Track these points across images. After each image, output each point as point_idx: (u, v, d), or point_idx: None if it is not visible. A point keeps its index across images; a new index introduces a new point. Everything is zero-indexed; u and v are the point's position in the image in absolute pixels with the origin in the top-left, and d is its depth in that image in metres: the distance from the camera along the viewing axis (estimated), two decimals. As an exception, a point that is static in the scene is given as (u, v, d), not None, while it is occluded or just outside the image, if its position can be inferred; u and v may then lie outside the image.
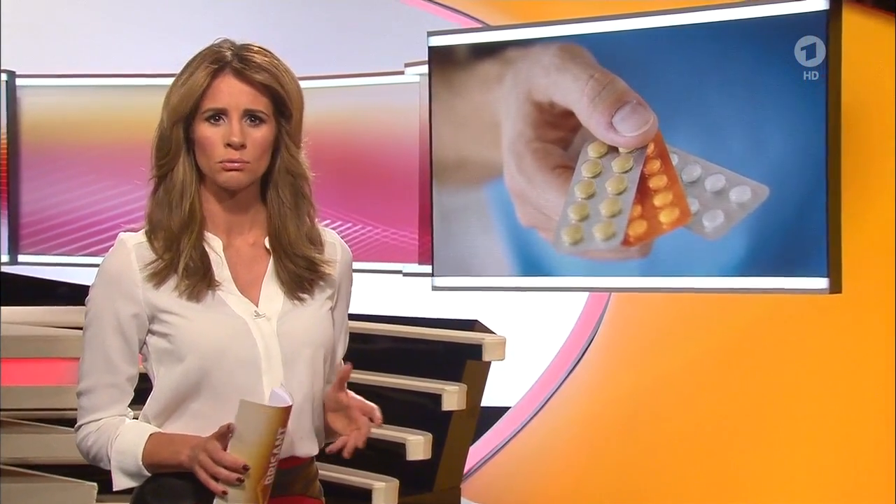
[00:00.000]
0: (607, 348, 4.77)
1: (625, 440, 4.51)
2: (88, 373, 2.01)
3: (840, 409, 3.94)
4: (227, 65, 1.98)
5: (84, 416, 2.01)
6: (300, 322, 2.01)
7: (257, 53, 2.00)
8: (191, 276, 1.96)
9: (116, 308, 1.98)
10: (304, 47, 5.18)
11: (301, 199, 2.02)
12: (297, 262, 2.02)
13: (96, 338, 1.99)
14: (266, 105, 1.99)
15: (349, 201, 4.98)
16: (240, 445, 1.86)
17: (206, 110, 1.97)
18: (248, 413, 1.85)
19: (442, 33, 4.37)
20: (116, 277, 1.98)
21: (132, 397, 2.03)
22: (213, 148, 1.97)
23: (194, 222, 1.98)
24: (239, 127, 1.96)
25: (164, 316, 1.97)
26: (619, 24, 4.00)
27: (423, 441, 4.29)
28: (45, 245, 5.50)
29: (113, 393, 2.00)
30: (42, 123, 5.49)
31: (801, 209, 3.68)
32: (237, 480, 1.86)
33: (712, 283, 3.88)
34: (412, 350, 4.61)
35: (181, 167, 1.99)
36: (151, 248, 1.98)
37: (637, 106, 3.88)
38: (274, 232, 2.02)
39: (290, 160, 2.01)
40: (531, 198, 4.10)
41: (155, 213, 2.00)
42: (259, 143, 1.98)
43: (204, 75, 1.98)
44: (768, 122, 3.70)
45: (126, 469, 1.98)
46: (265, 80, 1.98)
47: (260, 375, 1.96)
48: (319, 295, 2.04)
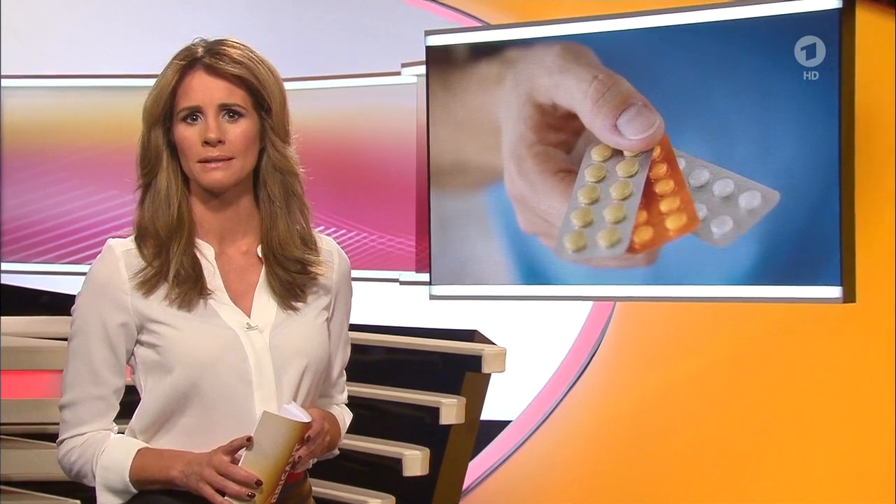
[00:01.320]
0: (612, 360, 4.74)
1: (630, 455, 4.47)
2: (73, 384, 1.98)
3: (854, 421, 3.90)
4: (198, 61, 1.96)
5: (67, 431, 1.98)
6: (293, 334, 1.98)
7: (231, 47, 1.97)
8: (182, 283, 1.94)
9: (104, 316, 1.95)
10: (296, 47, 5.25)
11: (291, 196, 2.00)
12: (288, 267, 1.99)
13: (82, 348, 1.96)
14: (243, 98, 1.96)
15: (343, 207, 4.97)
16: (256, 459, 1.86)
17: (181, 110, 1.95)
18: (271, 426, 1.85)
19: (440, 32, 4.34)
20: (104, 285, 1.96)
21: (118, 411, 1.99)
22: (191, 148, 1.95)
23: (183, 227, 1.96)
24: (216, 123, 1.94)
25: (153, 326, 1.94)
26: (623, 24, 3.96)
27: (420, 456, 4.25)
28: (27, 252, 5.47)
29: (98, 406, 1.97)
30: (25, 126, 5.45)
31: (814, 215, 3.64)
32: (248, 496, 1.84)
33: (721, 292, 3.84)
34: (409, 361, 4.58)
35: (165, 173, 1.97)
36: (140, 255, 1.96)
37: (642, 108, 3.85)
38: (265, 235, 1.99)
39: (276, 156, 1.98)
40: (532, 203, 4.08)
41: (142, 220, 1.98)
42: (239, 138, 1.95)
43: (172, 73, 1.96)
44: (777, 124, 3.68)
45: (111, 486, 1.95)
46: (238, 72, 1.95)
47: (252, 390, 1.94)
48: (314, 304, 2.01)
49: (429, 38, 4.31)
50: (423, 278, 4.52)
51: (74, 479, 2.00)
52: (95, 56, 5.77)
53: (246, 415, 1.93)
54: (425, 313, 4.75)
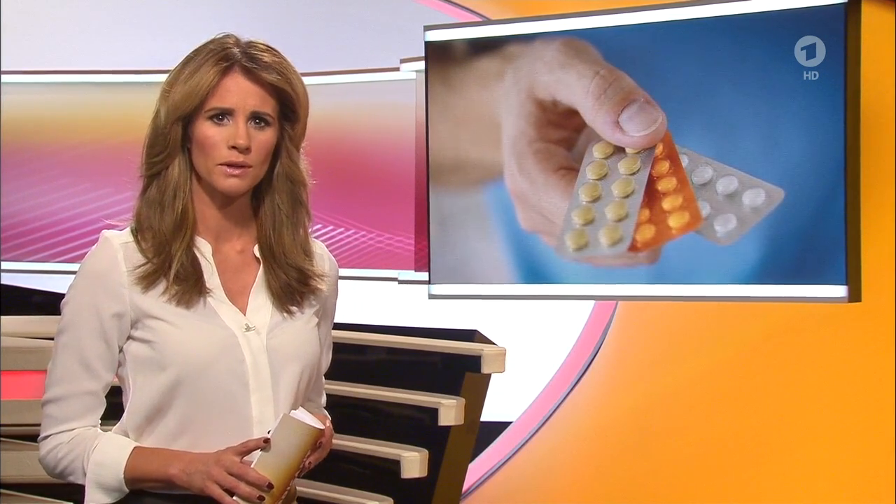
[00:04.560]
0: (613, 360, 4.73)
1: (633, 456, 4.46)
2: (62, 379, 1.94)
3: (860, 421, 3.88)
4: (237, 63, 1.94)
5: (53, 426, 1.94)
6: (289, 337, 1.98)
7: (265, 52, 1.96)
8: (182, 282, 1.92)
9: (99, 307, 1.92)
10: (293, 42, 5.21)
11: (298, 207, 2.01)
12: (290, 273, 1.99)
13: (73, 341, 1.93)
14: (273, 108, 1.96)
15: (341, 205, 4.96)
16: (270, 462, 1.85)
17: (210, 109, 1.93)
18: (291, 429, 1.85)
19: (439, 28, 4.32)
20: (101, 275, 1.93)
21: (105, 407, 1.97)
22: (215, 149, 1.93)
23: (186, 225, 1.95)
24: (245, 129, 1.92)
25: (149, 321, 1.92)
26: (625, 18, 3.94)
27: (419, 458, 4.22)
28: (22, 251, 5.45)
29: (89, 401, 1.95)
30: (22, 122, 5.42)
31: (819, 213, 3.63)
32: (258, 498, 1.83)
33: (724, 291, 3.82)
34: (408, 362, 4.55)
35: (176, 166, 1.95)
36: (139, 249, 1.93)
37: (645, 104, 3.83)
38: (266, 240, 1.99)
39: (290, 166, 1.99)
40: (533, 201, 4.07)
41: (144, 212, 1.95)
42: (263, 147, 1.95)
43: (213, 73, 1.93)
44: (781, 121, 3.67)
45: (104, 483, 1.91)
46: (275, 80, 1.95)
47: (249, 392, 1.93)
48: (308, 309, 2.01)
49: (428, 34, 4.30)
50: (423, 277, 4.52)
51: (59, 476, 1.96)
52: (92, 52, 5.78)
53: (242, 416, 1.93)
54: (424, 313, 4.74)
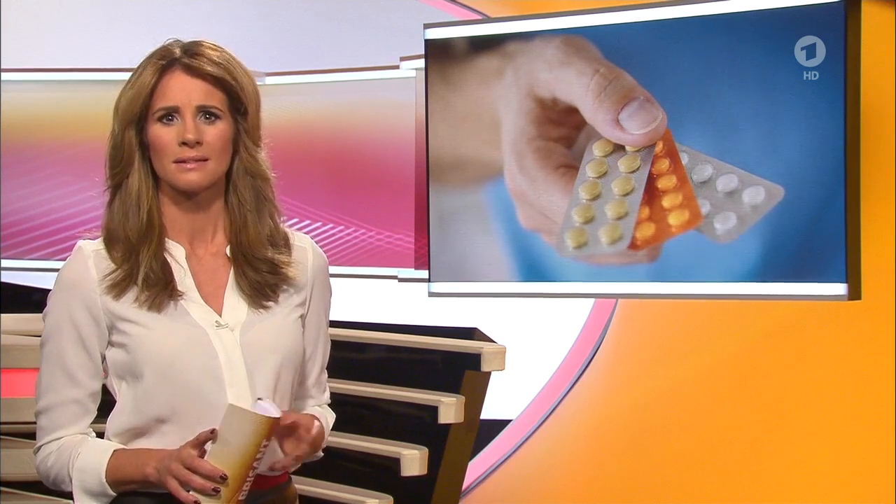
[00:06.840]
0: (613, 358, 4.73)
1: (632, 455, 4.45)
2: (48, 389, 1.97)
3: (859, 419, 3.87)
4: (176, 61, 1.96)
5: (44, 437, 1.97)
6: (265, 332, 1.98)
7: (208, 48, 1.98)
8: (151, 287, 1.94)
9: (75, 317, 1.95)
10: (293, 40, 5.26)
11: (262, 200, 2.01)
12: (258, 267, 1.99)
13: (55, 351, 1.96)
14: (220, 100, 1.97)
15: (341, 203, 4.92)
16: (221, 453, 1.85)
17: (157, 110, 1.95)
18: (236, 419, 1.85)
19: (439, 25, 4.31)
20: (75, 284, 1.96)
21: (95, 415, 1.98)
22: (167, 148, 1.95)
23: (153, 231, 1.96)
24: (193, 124, 1.94)
25: (122, 325, 1.94)
26: (625, 16, 3.94)
27: (418, 456, 4.22)
28: (22, 249, 5.44)
29: (74, 409, 1.97)
30: (21, 120, 5.42)
31: (819, 211, 3.62)
32: (213, 490, 1.83)
33: (724, 289, 3.82)
34: (407, 360, 4.55)
35: (136, 174, 1.98)
36: (110, 258, 1.95)
37: (645, 102, 3.83)
38: (234, 237, 2.00)
39: (248, 160, 2.00)
40: (533, 199, 4.06)
41: (111, 223, 1.98)
42: (216, 140, 1.96)
43: (151, 73, 1.95)
44: (782, 120, 3.66)
45: (89, 488, 1.93)
46: (217, 73, 1.95)
47: (224, 388, 1.93)
48: (286, 302, 2.02)
49: (428, 32, 4.30)
50: (422, 275, 4.51)
51: (52, 485, 1.99)
52: (91, 49, 5.76)
53: (220, 412, 1.92)
54: (424, 311, 4.74)
